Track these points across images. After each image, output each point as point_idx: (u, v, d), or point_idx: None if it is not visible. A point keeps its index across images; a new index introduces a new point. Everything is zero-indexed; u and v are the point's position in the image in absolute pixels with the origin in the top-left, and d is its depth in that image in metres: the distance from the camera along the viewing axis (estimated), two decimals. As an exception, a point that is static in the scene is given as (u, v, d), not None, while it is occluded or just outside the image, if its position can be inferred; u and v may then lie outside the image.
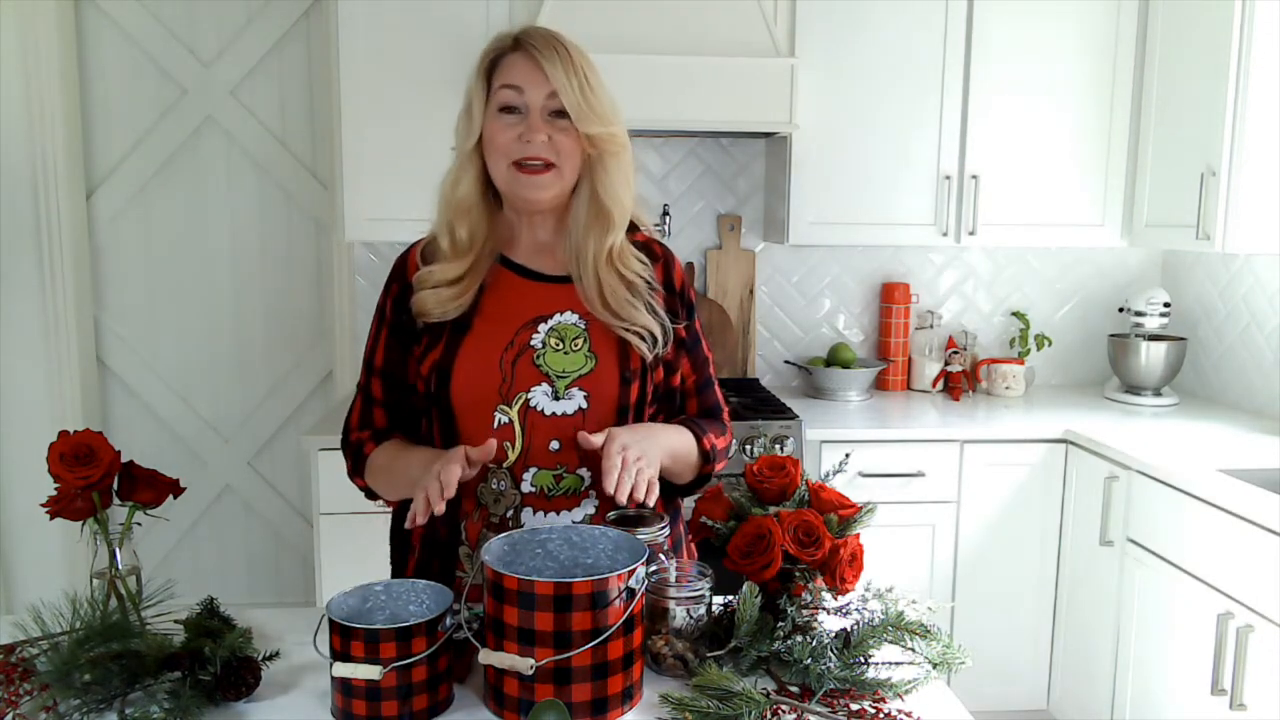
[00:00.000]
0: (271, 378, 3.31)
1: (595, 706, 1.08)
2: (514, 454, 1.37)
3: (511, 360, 1.37)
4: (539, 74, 1.33)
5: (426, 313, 1.39)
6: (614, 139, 1.37)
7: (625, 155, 1.40)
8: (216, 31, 3.13)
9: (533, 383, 1.36)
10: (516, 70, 1.35)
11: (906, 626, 1.23)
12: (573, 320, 1.40)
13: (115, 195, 3.18)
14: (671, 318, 1.44)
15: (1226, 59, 2.58)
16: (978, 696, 2.07)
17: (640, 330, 1.39)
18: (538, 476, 1.37)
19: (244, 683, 1.14)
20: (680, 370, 1.49)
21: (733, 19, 2.75)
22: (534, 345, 1.38)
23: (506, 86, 1.35)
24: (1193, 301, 3.25)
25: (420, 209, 2.93)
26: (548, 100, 1.34)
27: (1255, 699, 2.08)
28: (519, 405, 1.36)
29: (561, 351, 1.38)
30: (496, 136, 1.35)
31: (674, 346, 1.45)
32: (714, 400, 1.54)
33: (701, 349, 1.52)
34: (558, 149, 1.35)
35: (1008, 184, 2.99)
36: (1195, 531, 2.27)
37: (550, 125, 1.35)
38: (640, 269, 1.43)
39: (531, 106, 1.34)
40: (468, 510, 1.39)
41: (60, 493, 1.25)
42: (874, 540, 1.52)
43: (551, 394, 1.36)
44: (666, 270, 1.48)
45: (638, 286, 1.42)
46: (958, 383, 3.21)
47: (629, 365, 1.39)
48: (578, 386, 1.37)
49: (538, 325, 1.39)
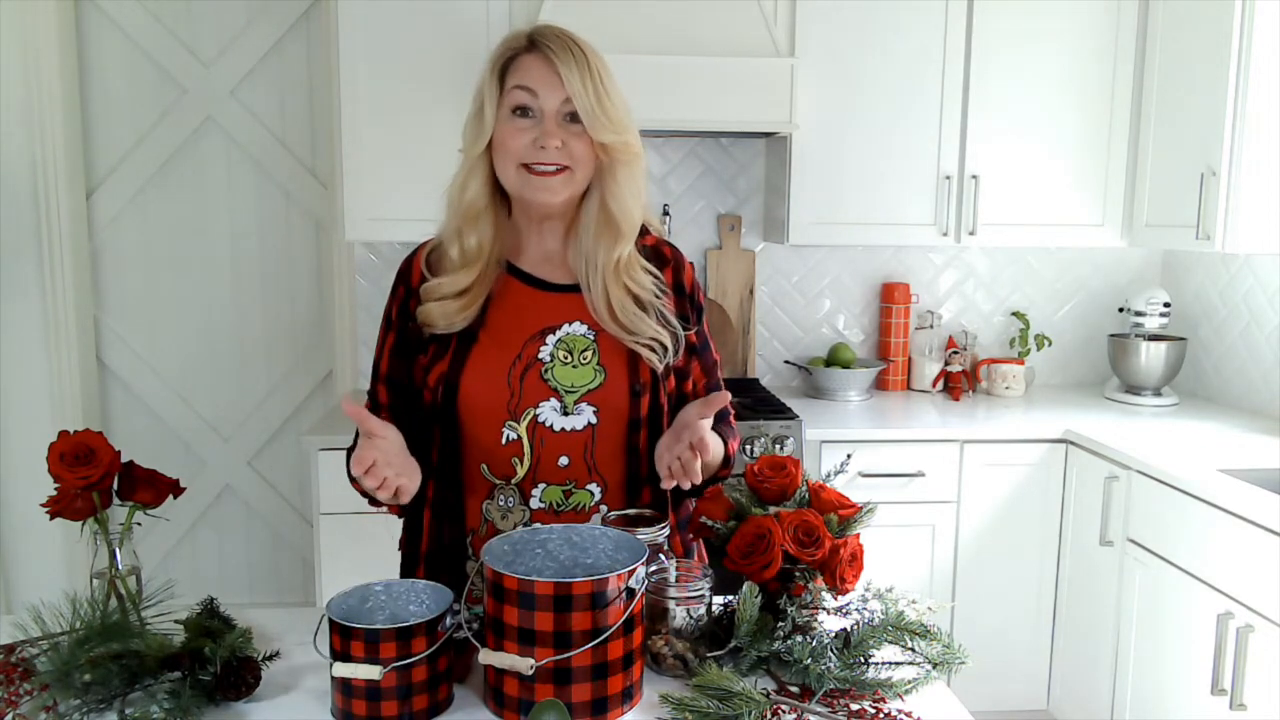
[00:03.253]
0: (271, 378, 3.31)
1: (595, 706, 1.08)
2: (522, 470, 1.35)
3: (520, 374, 1.35)
4: (554, 77, 1.31)
5: (432, 324, 1.37)
6: (627, 148, 1.35)
7: (637, 165, 1.37)
8: (216, 31, 3.13)
9: (541, 398, 1.34)
10: (531, 72, 1.32)
11: (906, 626, 1.23)
12: (581, 331, 1.38)
13: (115, 195, 3.18)
14: (682, 322, 1.42)
15: (1226, 59, 2.58)
16: (978, 696, 2.07)
17: (650, 342, 1.37)
18: (546, 493, 1.36)
19: (244, 683, 1.14)
20: (691, 375, 1.46)
21: (733, 19, 2.75)
22: (542, 359, 1.36)
23: (520, 88, 1.32)
24: (1193, 301, 3.25)
25: (420, 209, 2.93)
26: (563, 105, 1.32)
27: (1255, 699, 2.08)
28: (527, 421, 1.34)
29: (570, 365, 1.36)
30: (508, 139, 1.33)
31: (685, 352, 1.43)
32: None
33: (710, 352, 1.50)
34: (571, 154, 1.32)
35: (1008, 184, 2.99)
36: (1195, 531, 2.27)
37: (564, 130, 1.32)
38: (649, 283, 1.40)
39: (546, 111, 1.32)
40: (474, 526, 1.39)
41: (60, 493, 1.25)
42: (874, 540, 1.52)
43: (560, 409, 1.35)
44: (676, 273, 1.46)
45: (645, 298, 1.39)
46: (958, 383, 3.21)
47: (639, 378, 1.37)
48: (586, 401, 1.35)
49: (545, 337, 1.37)
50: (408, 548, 1.47)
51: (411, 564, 1.46)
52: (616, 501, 1.39)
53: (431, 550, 1.41)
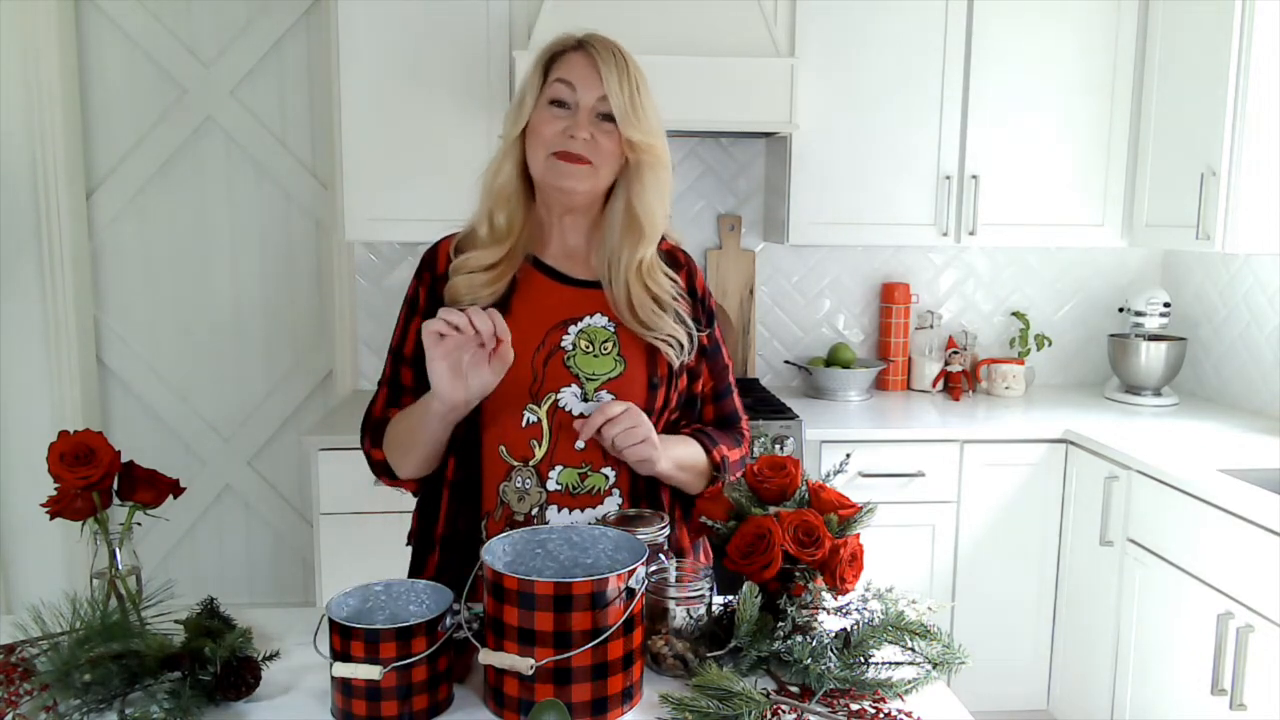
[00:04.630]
0: (271, 378, 3.31)
1: (595, 706, 1.08)
2: (540, 452, 1.38)
3: (543, 360, 1.39)
4: (594, 75, 1.37)
5: (458, 298, 1.40)
6: (653, 150, 1.40)
7: (664, 172, 1.42)
8: (216, 31, 3.13)
9: (563, 383, 1.38)
10: (574, 68, 1.38)
11: (906, 626, 1.23)
12: (602, 323, 1.43)
13: (115, 195, 3.18)
14: (694, 325, 1.47)
15: (1226, 59, 2.58)
16: (978, 696, 2.07)
17: (668, 338, 1.42)
18: (563, 475, 1.38)
19: (244, 683, 1.14)
20: (701, 377, 1.51)
21: (733, 19, 2.76)
22: (564, 346, 1.40)
23: (561, 81, 1.38)
24: (1193, 301, 3.25)
25: (420, 209, 2.92)
26: (598, 102, 1.37)
27: (1255, 699, 2.08)
28: (548, 405, 1.38)
29: (591, 354, 1.40)
30: (542, 127, 1.38)
31: (696, 354, 1.47)
32: (732, 408, 1.55)
33: (721, 357, 1.54)
34: (598, 148, 1.37)
35: (1008, 184, 2.99)
36: (1195, 531, 2.27)
37: (595, 126, 1.37)
38: (669, 286, 1.46)
39: (582, 105, 1.37)
40: (489, 509, 1.40)
41: (60, 493, 1.25)
42: (874, 540, 1.52)
43: (580, 395, 1.38)
44: (689, 278, 1.51)
45: (665, 301, 1.44)
46: (958, 383, 3.21)
47: (656, 371, 1.42)
48: (606, 389, 1.39)
49: (568, 327, 1.41)
50: (421, 534, 1.48)
51: (425, 549, 1.46)
52: (629, 486, 1.42)
53: (446, 535, 1.42)
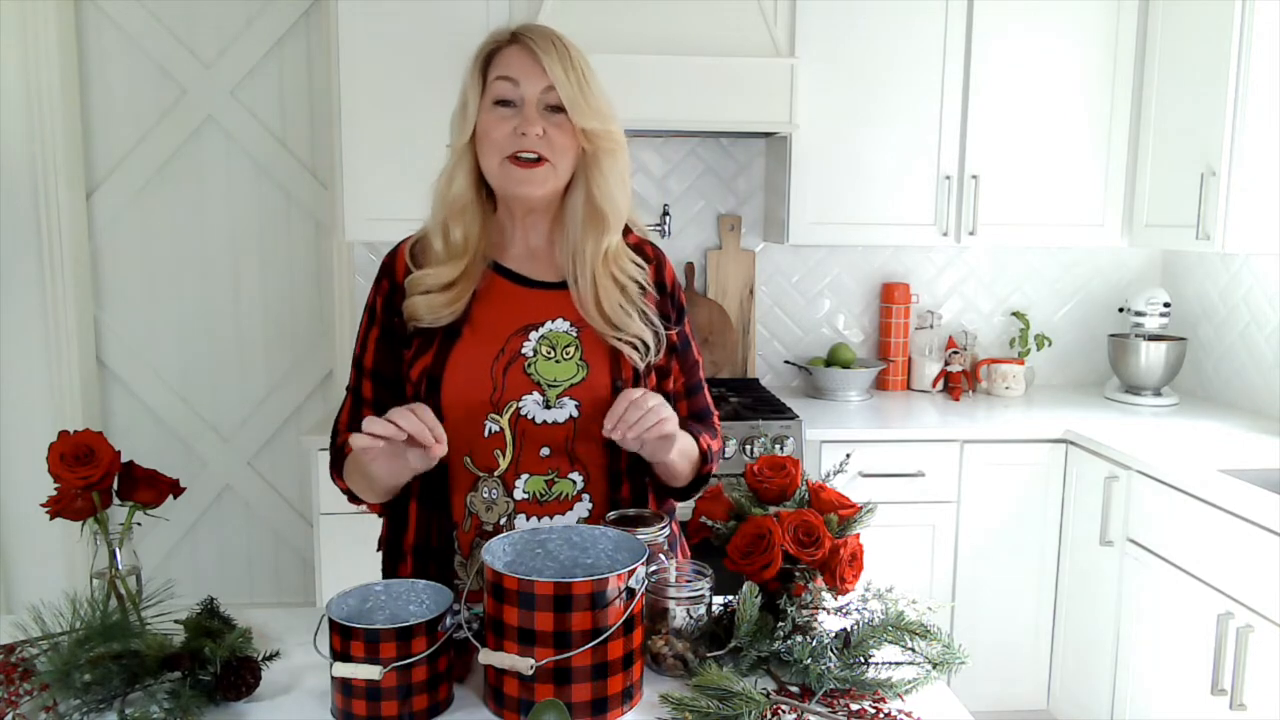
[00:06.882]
0: (271, 378, 3.31)
1: (595, 706, 1.08)
2: (505, 462, 1.36)
3: (503, 369, 1.36)
4: (536, 67, 1.32)
5: (418, 318, 1.37)
6: (610, 136, 1.36)
7: (621, 155, 1.38)
8: (216, 31, 3.13)
9: (524, 391, 1.35)
10: (513, 63, 1.34)
11: (906, 626, 1.23)
12: (564, 328, 1.39)
13: (115, 195, 3.18)
14: (663, 321, 1.43)
15: (1226, 59, 2.58)
16: (978, 696, 2.08)
17: (633, 340, 1.38)
18: (530, 483, 1.37)
19: (244, 683, 1.14)
20: (672, 374, 1.47)
21: (733, 19, 2.76)
22: (525, 353, 1.37)
23: (502, 78, 1.34)
24: (1193, 301, 3.25)
25: (420, 209, 2.94)
26: (544, 94, 1.33)
27: (1255, 699, 2.08)
28: (509, 414, 1.35)
29: (553, 360, 1.37)
30: (491, 130, 1.34)
31: (666, 351, 1.43)
32: (704, 404, 1.52)
33: (692, 352, 1.50)
34: (552, 143, 1.33)
35: (1008, 184, 2.99)
36: (1195, 531, 2.27)
37: (545, 119, 1.33)
38: (635, 271, 1.42)
39: (527, 99, 1.33)
40: (458, 520, 1.39)
41: (60, 493, 1.25)
42: (874, 540, 1.52)
43: (543, 403, 1.35)
44: (658, 272, 1.47)
45: (631, 291, 1.40)
46: (958, 383, 3.21)
47: (621, 374, 1.38)
48: (569, 395, 1.36)
49: (529, 333, 1.38)
50: (390, 544, 1.46)
51: (395, 559, 1.44)
52: (599, 490, 1.39)
53: (417, 545, 1.40)
